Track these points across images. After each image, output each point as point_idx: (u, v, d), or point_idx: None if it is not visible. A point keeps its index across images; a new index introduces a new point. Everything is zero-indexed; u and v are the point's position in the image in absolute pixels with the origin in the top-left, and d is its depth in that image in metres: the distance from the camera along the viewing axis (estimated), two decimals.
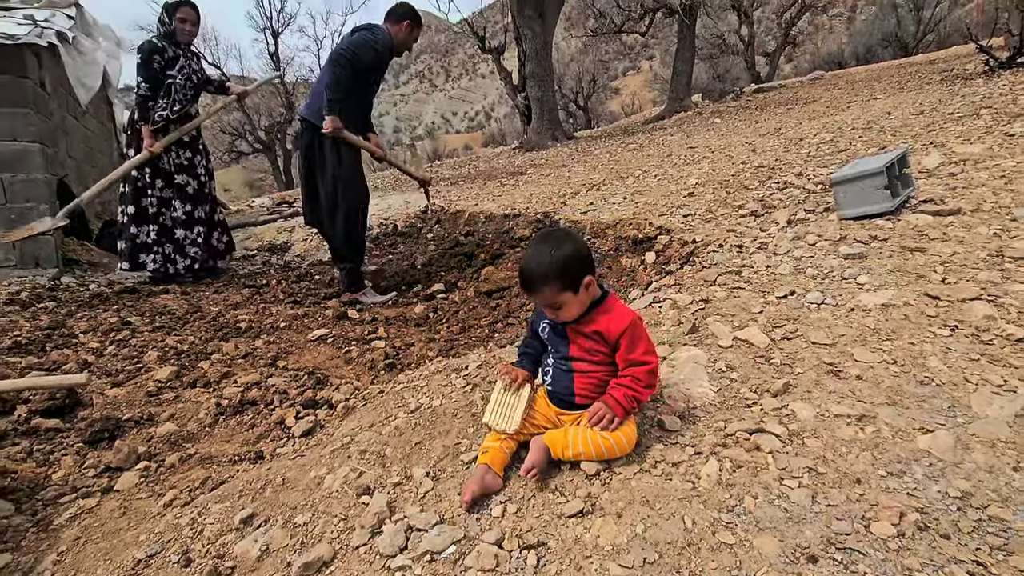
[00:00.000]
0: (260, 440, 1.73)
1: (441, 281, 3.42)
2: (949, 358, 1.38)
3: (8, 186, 3.80)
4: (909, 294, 1.75)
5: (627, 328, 1.17)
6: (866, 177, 2.55)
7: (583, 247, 1.22)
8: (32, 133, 3.84)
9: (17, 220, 3.86)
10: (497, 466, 1.18)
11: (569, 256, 1.17)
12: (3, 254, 3.86)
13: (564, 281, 1.17)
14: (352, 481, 1.28)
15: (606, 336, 1.18)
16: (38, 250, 3.92)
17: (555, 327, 1.27)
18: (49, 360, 2.23)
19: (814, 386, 1.34)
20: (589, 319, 1.21)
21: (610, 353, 1.20)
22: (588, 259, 1.21)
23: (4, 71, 3.72)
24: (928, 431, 1.12)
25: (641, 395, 1.15)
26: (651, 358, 1.17)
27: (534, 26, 10.78)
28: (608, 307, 1.22)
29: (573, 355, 1.22)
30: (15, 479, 1.56)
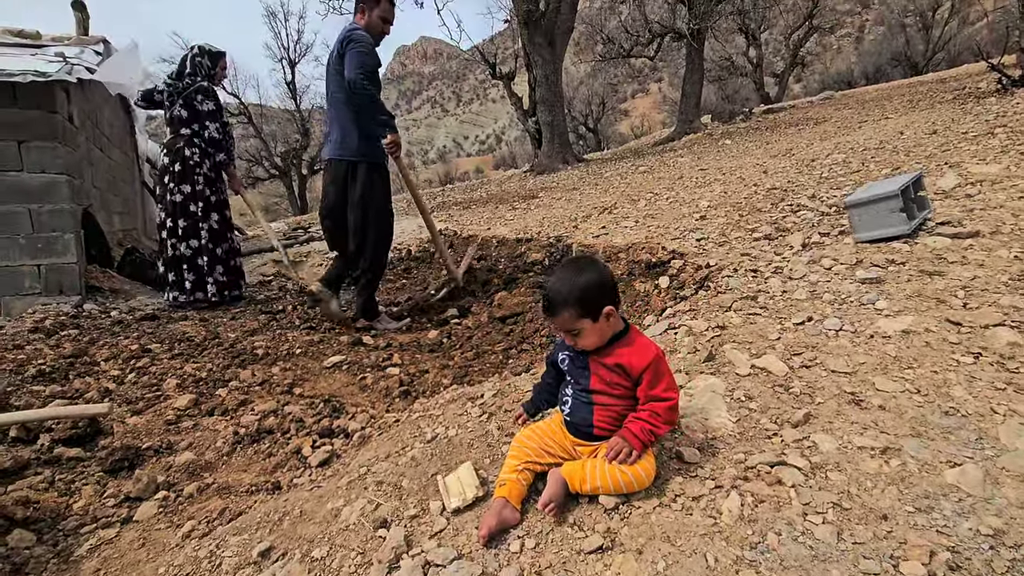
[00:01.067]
0: (277, 469, 1.73)
1: (455, 306, 3.43)
2: (974, 387, 1.35)
3: (36, 216, 3.92)
4: (930, 320, 1.73)
5: (651, 363, 1.16)
6: (881, 200, 2.54)
7: (607, 277, 1.22)
8: (60, 165, 3.97)
9: (43, 249, 3.97)
10: (515, 499, 1.17)
11: (591, 283, 1.18)
12: (29, 281, 3.95)
13: (584, 308, 1.17)
14: (369, 513, 1.28)
15: (628, 370, 1.18)
16: (62, 278, 4.01)
17: (575, 359, 1.26)
18: (72, 388, 2.27)
19: (835, 416, 1.32)
20: (611, 351, 1.21)
21: (632, 387, 1.19)
22: (611, 289, 1.21)
23: (36, 106, 3.86)
24: (956, 464, 1.10)
25: (659, 429, 1.14)
26: (672, 394, 1.16)
27: (544, 53, 10.99)
28: (630, 340, 1.21)
29: (594, 387, 1.22)
30: (37, 509, 1.58)
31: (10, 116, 3.79)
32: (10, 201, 3.85)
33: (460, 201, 8.38)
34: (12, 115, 3.80)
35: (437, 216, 7.02)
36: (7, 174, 3.82)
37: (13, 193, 3.86)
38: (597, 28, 16.75)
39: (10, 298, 3.91)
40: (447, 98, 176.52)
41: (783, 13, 22.40)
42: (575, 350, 1.26)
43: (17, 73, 3.56)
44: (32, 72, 3.62)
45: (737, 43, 27.53)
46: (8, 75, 3.54)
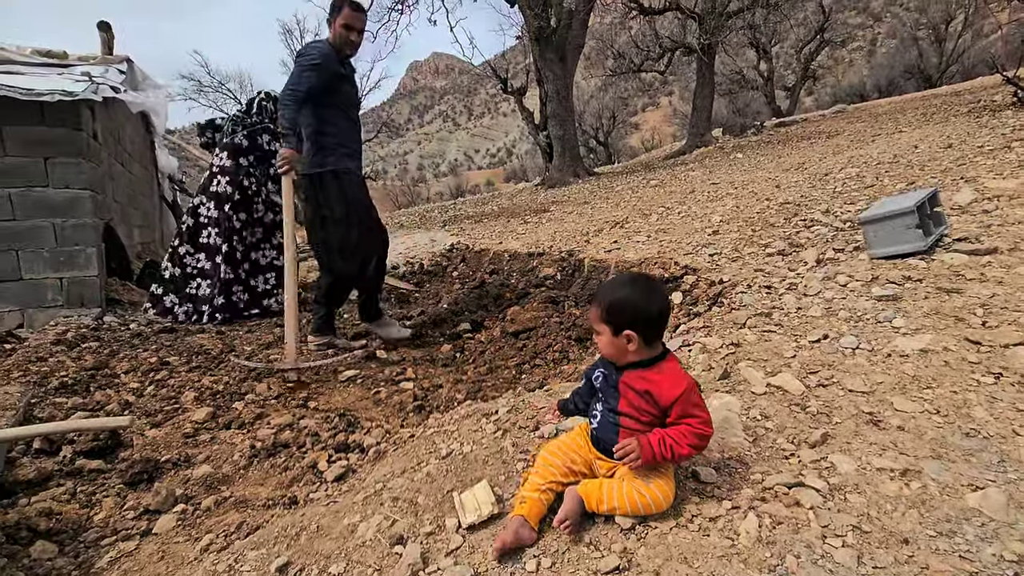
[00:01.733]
0: (293, 483, 1.75)
1: (467, 320, 3.45)
2: (995, 408, 1.34)
3: (60, 231, 4.02)
4: (948, 339, 1.71)
5: (681, 395, 1.14)
6: (897, 216, 2.53)
7: (650, 306, 1.19)
8: (83, 181, 4.08)
9: (66, 262, 4.06)
10: (533, 518, 1.17)
11: (629, 302, 1.19)
12: (51, 294, 4.04)
13: (609, 316, 1.20)
14: (385, 530, 1.29)
15: (656, 398, 1.16)
16: (84, 291, 4.10)
17: (608, 377, 1.26)
18: (93, 400, 2.31)
19: (854, 437, 1.31)
20: (642, 375, 1.20)
21: (660, 416, 1.18)
22: (646, 319, 1.18)
23: (62, 124, 3.98)
24: (978, 488, 1.08)
25: (680, 448, 1.12)
26: (706, 428, 1.14)
27: (555, 68, 11.11)
28: (663, 368, 1.19)
29: (622, 410, 1.21)
30: (59, 520, 1.61)
31: (38, 134, 3.91)
32: (36, 216, 3.95)
33: (472, 215, 8.44)
34: (40, 133, 3.92)
35: (449, 229, 7.08)
36: (33, 190, 3.93)
37: (39, 208, 3.96)
38: (607, 43, 16.91)
39: (33, 310, 4.00)
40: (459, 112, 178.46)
41: (794, 27, 22.46)
42: (609, 367, 1.26)
43: (45, 93, 3.68)
44: (60, 91, 3.74)
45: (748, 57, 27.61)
46: (37, 95, 3.65)
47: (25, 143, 3.89)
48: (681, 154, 13.49)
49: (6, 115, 3.77)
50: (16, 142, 3.86)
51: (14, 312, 3.95)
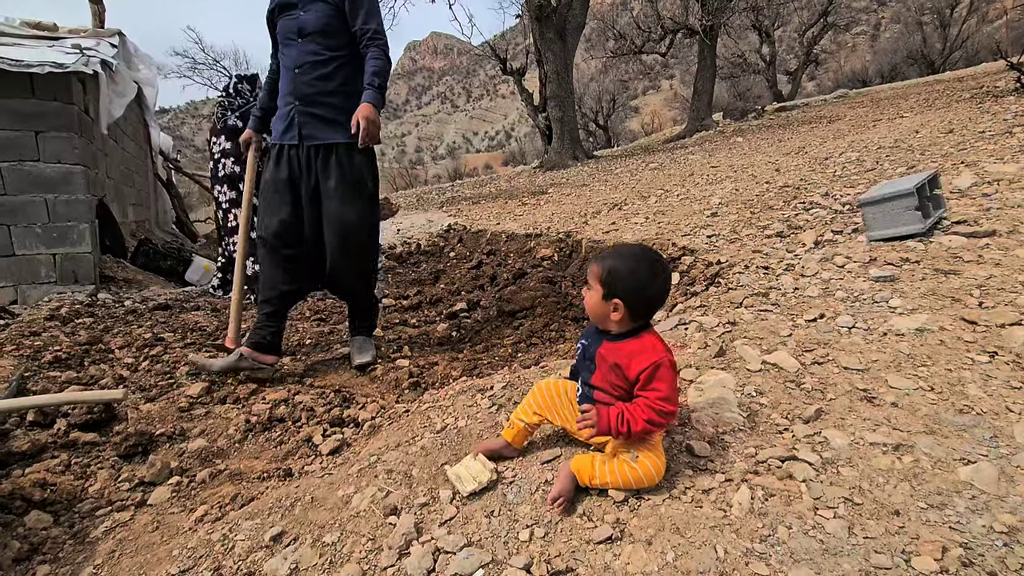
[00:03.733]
0: (288, 457, 1.75)
1: (463, 300, 3.44)
2: (989, 386, 1.34)
3: (52, 206, 3.97)
4: (944, 318, 1.71)
5: (648, 367, 1.12)
6: (896, 198, 2.51)
7: (646, 284, 1.17)
8: (76, 156, 4.02)
9: (59, 238, 4.02)
10: (518, 443, 1.33)
11: (627, 272, 1.17)
12: (45, 270, 4.01)
13: (606, 277, 1.19)
14: (379, 501, 1.29)
15: (625, 371, 1.16)
16: (77, 267, 4.07)
17: (586, 350, 1.26)
18: (87, 375, 2.30)
19: (847, 413, 1.31)
20: (616, 347, 1.19)
21: (628, 388, 1.18)
22: (638, 294, 1.17)
23: (53, 98, 3.91)
24: (970, 462, 1.09)
25: (635, 424, 1.10)
26: (669, 406, 1.11)
27: (555, 48, 10.96)
28: (636, 342, 1.18)
29: (594, 383, 1.22)
30: (54, 491, 1.61)
31: (28, 107, 3.84)
32: (27, 191, 3.90)
33: (470, 196, 8.38)
34: (30, 106, 3.85)
35: (447, 210, 7.04)
36: (24, 164, 3.88)
37: (31, 183, 3.91)
38: (608, 24, 16.67)
39: (27, 286, 3.97)
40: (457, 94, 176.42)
41: (798, 10, 22.17)
42: (590, 338, 1.26)
43: (35, 64, 3.61)
44: (50, 63, 3.67)
45: (750, 40, 27.28)
46: (26, 66, 3.58)
47: (15, 116, 3.82)
48: (681, 138, 13.40)
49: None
50: (6, 115, 3.80)
51: (7, 288, 3.92)
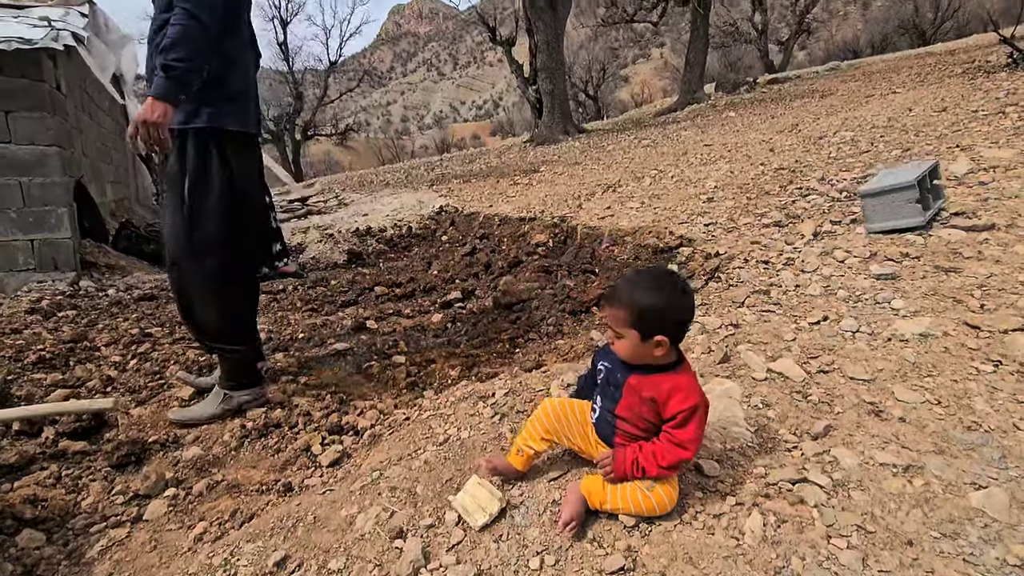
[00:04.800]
0: (287, 467, 1.72)
1: (458, 288, 3.39)
2: (995, 399, 1.34)
3: (27, 190, 3.81)
4: (948, 322, 1.71)
5: (687, 409, 1.10)
6: (897, 190, 2.48)
7: (681, 309, 1.13)
8: (50, 137, 3.84)
9: (36, 223, 3.88)
10: (524, 468, 1.29)
11: (665, 306, 1.10)
12: (23, 257, 3.88)
13: (641, 320, 1.11)
14: (384, 522, 1.27)
15: (661, 408, 1.12)
16: (56, 254, 3.94)
17: (611, 375, 1.21)
18: (73, 376, 2.24)
19: (856, 428, 1.31)
20: (651, 381, 1.14)
21: (658, 423, 1.14)
22: (679, 323, 1.13)
23: (21, 75, 3.71)
24: (981, 487, 1.09)
25: (650, 471, 1.10)
26: (685, 453, 1.10)
27: (545, 17, 10.65)
28: (677, 378, 1.13)
29: (619, 413, 1.18)
30: (45, 507, 1.57)
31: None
32: (0, 174, 3.73)
33: (460, 174, 8.23)
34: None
35: (437, 189, 6.91)
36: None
37: (3, 166, 3.75)
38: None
39: (4, 274, 3.84)
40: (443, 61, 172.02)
41: None
42: (615, 363, 1.21)
43: (1, 40, 3.40)
44: (16, 39, 3.46)
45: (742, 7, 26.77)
46: None
47: None
48: (672, 111, 13.23)
49: None
50: None
51: None
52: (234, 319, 1.94)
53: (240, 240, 1.90)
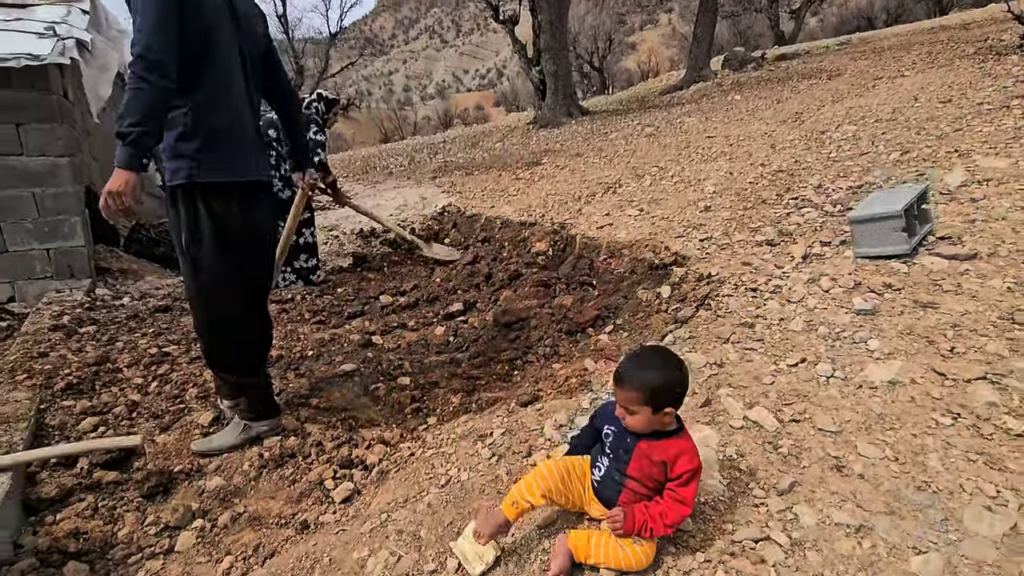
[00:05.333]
0: (302, 499, 1.88)
1: (460, 300, 3.52)
2: (949, 457, 1.46)
3: (41, 200, 3.93)
4: (917, 367, 1.82)
5: (690, 471, 1.26)
6: (884, 219, 2.56)
7: (683, 383, 1.29)
8: (61, 147, 3.93)
9: (51, 232, 4.00)
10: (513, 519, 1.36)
11: (671, 383, 1.27)
12: (40, 265, 4.02)
13: (652, 398, 1.26)
14: (392, 566, 1.43)
15: (670, 468, 1.27)
16: (72, 261, 4.07)
17: (621, 437, 1.34)
18: (100, 402, 2.39)
19: (818, 484, 1.44)
20: (660, 445, 1.29)
21: (663, 482, 1.29)
22: (680, 394, 1.29)
23: (31, 86, 3.78)
24: (921, 552, 1.22)
25: (657, 530, 1.25)
26: (684, 509, 1.25)
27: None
28: (680, 443, 1.29)
29: (630, 474, 1.32)
30: (86, 540, 1.74)
31: (6, 98, 3.73)
32: (14, 185, 3.84)
33: (463, 164, 8.25)
34: (7, 97, 3.73)
35: (440, 183, 6.96)
36: (8, 158, 3.80)
37: (16, 177, 3.85)
38: None
39: (23, 282, 3.99)
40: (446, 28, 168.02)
41: None
42: (622, 429, 1.34)
43: (10, 57, 3.46)
44: (25, 55, 3.52)
45: None
46: (1, 60, 3.44)
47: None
48: (678, 89, 13.05)
49: None
50: None
51: (4, 284, 3.94)
52: (241, 355, 2.08)
53: (240, 286, 2.00)
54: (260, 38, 2.09)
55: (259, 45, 2.08)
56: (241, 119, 1.99)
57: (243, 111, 2.00)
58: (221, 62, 1.91)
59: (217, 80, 1.90)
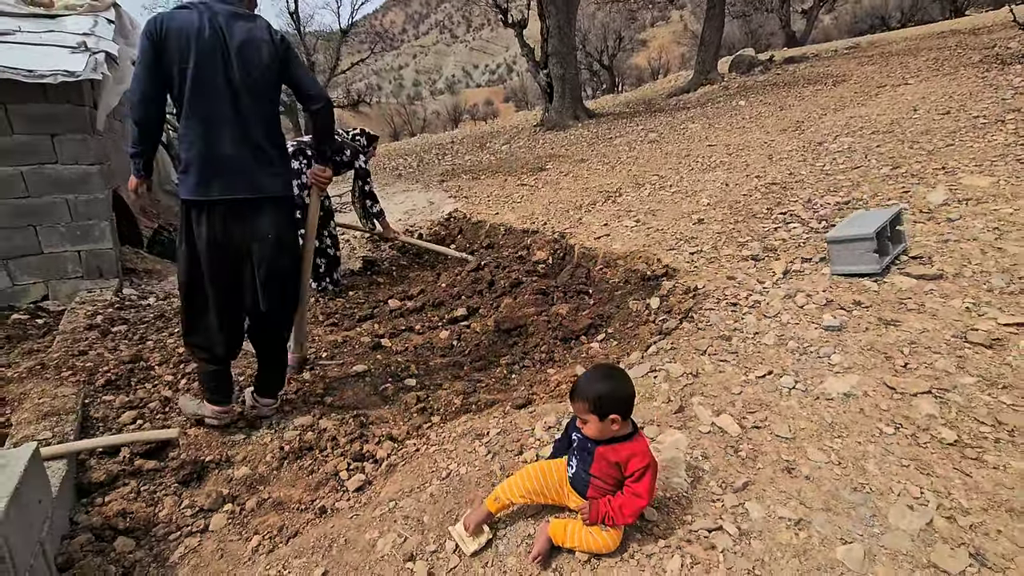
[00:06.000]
0: (319, 487, 2.12)
1: (464, 305, 3.74)
2: (885, 462, 1.67)
3: (73, 205, 4.19)
4: (871, 381, 2.03)
5: (643, 468, 1.46)
6: (858, 240, 2.76)
7: (625, 393, 1.50)
8: (91, 156, 4.19)
9: (82, 236, 4.27)
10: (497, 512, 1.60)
11: (609, 394, 1.48)
12: (71, 266, 4.28)
13: (595, 407, 1.48)
14: (399, 546, 1.66)
15: (624, 468, 1.49)
16: (101, 262, 4.33)
17: (584, 444, 1.57)
18: (137, 397, 2.65)
19: (769, 484, 1.65)
20: (615, 449, 1.50)
21: (621, 479, 1.51)
22: (624, 402, 1.49)
23: (66, 100, 4.03)
24: (847, 542, 1.43)
25: (619, 520, 1.47)
26: (640, 501, 1.46)
27: (558, 2, 10.61)
28: (634, 445, 1.50)
29: (593, 472, 1.54)
30: (132, 519, 1.99)
31: (43, 111, 3.98)
32: (49, 192, 4.10)
33: (469, 168, 8.46)
34: (44, 110, 3.98)
35: (447, 188, 7.18)
36: (44, 167, 4.06)
37: (51, 184, 4.11)
38: None
39: (56, 282, 4.26)
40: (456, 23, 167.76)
41: None
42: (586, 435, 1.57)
43: (48, 74, 3.71)
44: (61, 72, 3.77)
45: None
46: (39, 76, 3.69)
47: (30, 121, 3.96)
48: (685, 91, 13.18)
49: (9, 93, 3.82)
50: (22, 120, 3.94)
51: (39, 284, 4.21)
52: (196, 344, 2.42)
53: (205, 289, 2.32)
54: (261, 65, 2.25)
55: (261, 71, 2.27)
56: (219, 144, 2.21)
57: (222, 136, 2.21)
58: (196, 94, 2.17)
59: (193, 111, 2.18)
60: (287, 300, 2.50)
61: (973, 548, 1.38)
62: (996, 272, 2.62)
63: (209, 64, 2.16)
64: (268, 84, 2.31)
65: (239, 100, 2.23)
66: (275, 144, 2.37)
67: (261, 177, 2.31)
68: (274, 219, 2.37)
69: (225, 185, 2.24)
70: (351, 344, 3.34)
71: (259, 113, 2.30)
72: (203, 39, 2.15)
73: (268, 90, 2.32)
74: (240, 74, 2.21)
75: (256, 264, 2.34)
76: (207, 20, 2.17)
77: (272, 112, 2.38)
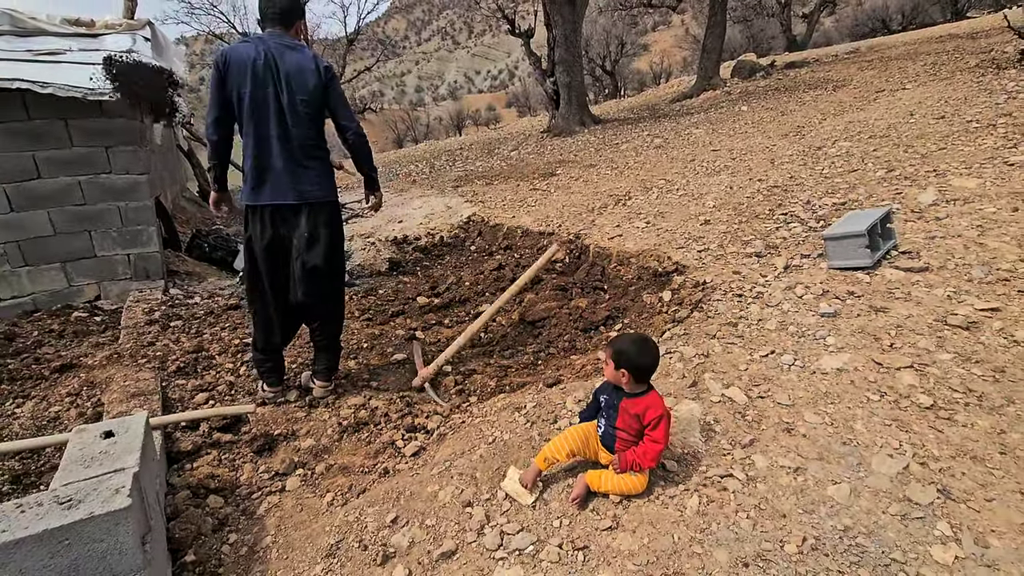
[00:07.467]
0: (378, 455, 2.42)
1: (488, 301, 4.05)
2: (871, 423, 1.96)
3: (124, 212, 4.52)
4: (861, 359, 2.32)
5: (656, 417, 1.77)
6: (851, 237, 3.05)
7: (639, 361, 1.80)
8: (140, 166, 4.52)
9: (131, 240, 4.60)
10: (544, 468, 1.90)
11: (629, 354, 1.80)
12: (121, 268, 4.61)
13: (615, 357, 1.82)
14: (457, 496, 1.96)
15: (642, 418, 1.79)
16: (147, 265, 4.67)
17: (610, 401, 1.89)
18: (205, 382, 2.96)
19: (771, 441, 1.95)
20: (635, 402, 1.81)
21: (641, 429, 1.81)
22: (636, 367, 1.80)
23: (120, 115, 4.37)
24: (836, 483, 1.73)
25: (643, 463, 1.77)
26: (658, 446, 1.76)
27: (564, 12, 10.96)
28: (650, 399, 1.81)
29: (618, 426, 1.84)
30: (219, 481, 2.29)
31: (99, 125, 4.32)
32: (103, 200, 4.44)
33: (482, 173, 8.78)
34: (100, 124, 4.33)
35: (463, 193, 7.51)
36: (99, 177, 4.40)
37: (104, 192, 4.45)
38: None
39: (108, 282, 4.59)
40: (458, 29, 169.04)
41: None
42: (610, 395, 1.88)
43: (107, 91, 4.05)
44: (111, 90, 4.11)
45: None
46: (100, 94, 4.03)
47: (88, 134, 4.30)
48: (688, 97, 13.48)
49: (70, 109, 4.16)
50: (80, 134, 4.28)
51: (92, 285, 4.54)
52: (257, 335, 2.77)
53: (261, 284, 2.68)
54: (306, 90, 2.55)
55: (305, 95, 2.55)
56: (269, 157, 2.56)
57: (272, 151, 2.56)
58: (251, 115, 2.52)
59: (249, 129, 2.54)
60: (325, 295, 2.78)
61: (941, 486, 1.68)
62: (977, 264, 2.91)
63: (261, 89, 2.51)
64: (312, 107, 2.62)
65: (286, 120, 2.57)
66: (317, 157, 2.69)
67: (303, 185, 2.64)
68: (312, 220, 2.67)
69: (273, 192, 2.59)
70: (387, 336, 3.64)
71: (304, 131, 2.62)
72: (257, 68, 2.50)
73: (312, 112, 2.64)
74: (287, 97, 2.55)
75: (294, 259, 2.67)
76: (262, 51, 2.51)
77: (316, 130, 2.69)
